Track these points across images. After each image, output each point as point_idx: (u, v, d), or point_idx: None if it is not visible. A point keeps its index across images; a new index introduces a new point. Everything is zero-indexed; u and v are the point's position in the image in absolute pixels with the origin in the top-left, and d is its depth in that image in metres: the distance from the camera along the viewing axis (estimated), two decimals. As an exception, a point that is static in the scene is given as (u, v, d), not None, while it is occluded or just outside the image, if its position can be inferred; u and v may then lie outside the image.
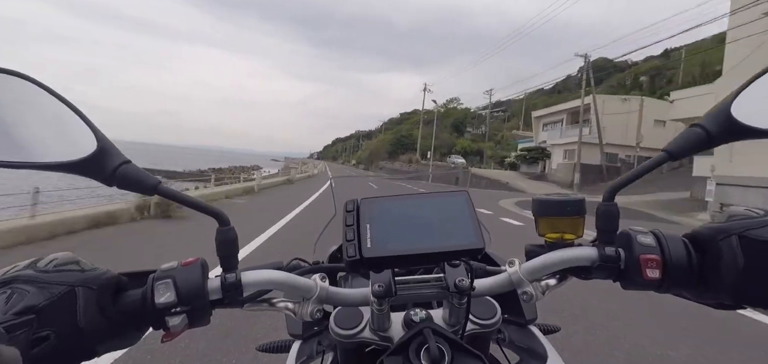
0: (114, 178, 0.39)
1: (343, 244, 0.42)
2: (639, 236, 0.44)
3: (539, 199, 0.49)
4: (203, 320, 0.41)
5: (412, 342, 0.42)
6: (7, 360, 0.24)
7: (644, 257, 0.42)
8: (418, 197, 0.47)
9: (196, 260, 0.42)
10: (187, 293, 0.39)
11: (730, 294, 0.40)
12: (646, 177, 0.48)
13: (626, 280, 0.44)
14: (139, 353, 2.22)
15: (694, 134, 0.42)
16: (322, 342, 0.57)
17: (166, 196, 0.42)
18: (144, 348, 2.28)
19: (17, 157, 0.36)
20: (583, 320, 3.08)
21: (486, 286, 0.48)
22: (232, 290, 0.42)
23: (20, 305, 0.33)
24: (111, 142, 0.40)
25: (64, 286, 0.36)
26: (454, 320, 0.47)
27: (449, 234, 0.42)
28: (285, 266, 0.51)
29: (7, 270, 0.36)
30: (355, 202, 0.46)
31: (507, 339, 0.57)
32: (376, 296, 0.44)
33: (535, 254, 0.48)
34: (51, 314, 0.34)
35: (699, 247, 0.43)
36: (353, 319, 0.48)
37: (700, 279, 0.42)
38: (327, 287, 0.47)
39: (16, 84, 0.37)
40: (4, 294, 0.33)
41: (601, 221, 0.45)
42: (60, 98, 0.38)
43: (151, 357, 2.22)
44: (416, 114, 56.44)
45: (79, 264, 0.39)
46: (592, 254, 0.45)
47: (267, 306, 0.47)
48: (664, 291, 0.44)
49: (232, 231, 0.44)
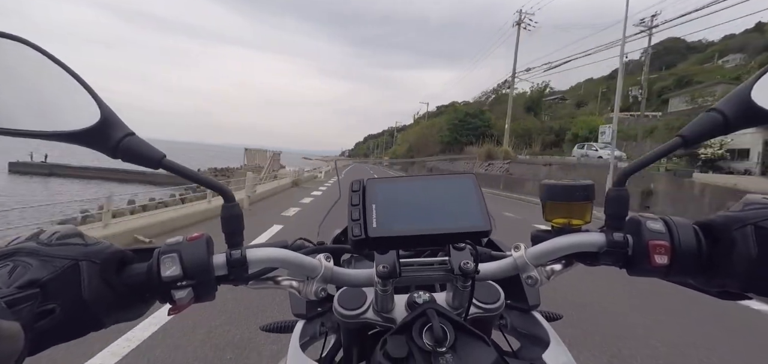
0: (118, 150, 0.39)
1: (349, 223, 0.42)
2: (649, 222, 0.43)
3: (547, 183, 0.49)
4: (209, 294, 0.41)
5: (415, 322, 0.42)
6: (8, 334, 0.24)
7: (653, 242, 0.42)
8: (424, 178, 0.46)
9: (201, 235, 0.42)
10: (192, 267, 0.39)
11: (741, 283, 0.39)
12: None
13: (633, 266, 0.44)
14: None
15: (710, 119, 0.41)
16: (325, 322, 0.57)
17: (171, 170, 0.41)
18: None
19: (19, 126, 0.36)
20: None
21: (490, 270, 0.48)
22: (238, 266, 0.42)
23: (23, 278, 0.32)
24: (115, 113, 0.39)
25: (68, 259, 0.35)
26: (458, 303, 0.47)
27: (455, 216, 0.42)
28: (290, 245, 0.50)
29: (9, 242, 0.36)
30: (361, 182, 0.45)
31: (509, 325, 0.57)
32: (380, 276, 0.44)
33: (541, 239, 0.48)
34: (55, 287, 0.34)
35: (710, 234, 0.42)
36: (357, 300, 0.48)
37: (708, 267, 0.42)
38: (332, 267, 0.47)
39: (18, 49, 0.36)
40: (6, 267, 0.33)
41: (611, 206, 0.44)
42: (63, 66, 0.38)
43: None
44: (455, 106, 42.30)
45: (82, 237, 0.38)
46: (600, 240, 0.44)
47: (272, 284, 0.47)
48: (670, 278, 0.43)
49: (237, 207, 0.43)
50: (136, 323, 2.07)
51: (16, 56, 0.36)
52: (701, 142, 0.48)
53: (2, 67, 0.36)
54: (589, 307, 3.34)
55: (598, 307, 3.36)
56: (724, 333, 2.98)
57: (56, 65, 0.38)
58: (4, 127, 0.35)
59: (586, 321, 3.04)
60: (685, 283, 0.44)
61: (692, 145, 0.42)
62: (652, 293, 3.67)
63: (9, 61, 0.36)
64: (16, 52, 0.36)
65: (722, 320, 3.17)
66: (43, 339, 0.32)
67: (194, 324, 2.60)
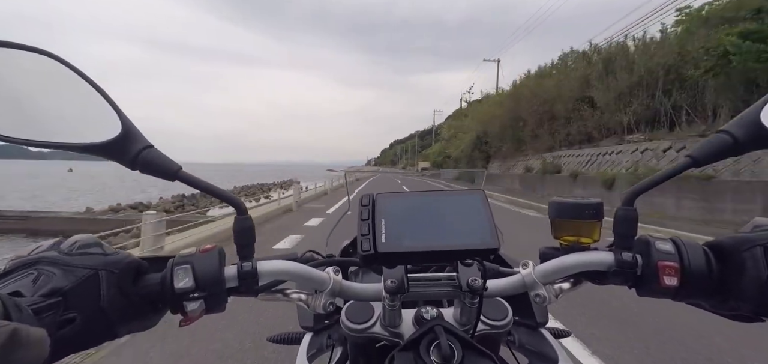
0: (137, 162, 0.40)
1: (358, 238, 0.42)
2: (658, 242, 0.43)
3: (556, 201, 0.49)
4: (219, 306, 0.42)
5: (422, 339, 0.42)
6: (35, 340, 0.24)
7: (662, 263, 0.42)
8: (433, 194, 0.46)
9: (214, 247, 0.43)
10: (204, 279, 0.40)
11: (752, 306, 0.39)
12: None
13: (642, 287, 0.44)
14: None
15: (720, 140, 0.41)
16: (332, 336, 0.57)
17: (187, 182, 0.43)
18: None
19: (45, 137, 0.37)
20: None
21: (499, 287, 0.48)
22: (248, 278, 0.42)
23: (47, 287, 0.33)
24: (135, 126, 0.41)
25: (88, 269, 0.36)
26: (465, 319, 0.47)
27: (464, 233, 0.42)
28: (299, 257, 0.51)
29: (32, 251, 0.37)
30: (371, 197, 0.46)
31: (517, 342, 0.56)
32: (388, 291, 0.44)
33: (549, 257, 0.48)
34: (76, 296, 0.35)
35: (720, 256, 0.42)
36: (364, 314, 0.48)
37: (720, 289, 0.41)
38: (340, 281, 0.47)
39: (45, 64, 0.38)
40: (30, 276, 0.34)
41: (620, 225, 0.45)
42: (88, 80, 0.39)
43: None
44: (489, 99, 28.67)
45: (101, 247, 0.39)
46: (609, 259, 0.44)
47: (281, 296, 0.47)
48: (680, 300, 0.43)
49: (249, 220, 0.44)
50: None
51: (43, 70, 0.38)
52: (711, 163, 0.48)
53: (30, 81, 0.38)
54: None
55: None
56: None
57: (81, 79, 0.39)
58: (30, 138, 0.37)
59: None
60: (696, 304, 0.44)
61: (701, 165, 0.42)
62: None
63: (36, 75, 0.38)
64: (43, 67, 0.38)
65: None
66: (63, 347, 0.33)
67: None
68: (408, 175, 43.24)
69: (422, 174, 45.79)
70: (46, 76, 0.38)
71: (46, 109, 0.39)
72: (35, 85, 0.38)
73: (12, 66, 0.37)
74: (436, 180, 32.62)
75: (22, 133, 0.36)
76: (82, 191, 34.60)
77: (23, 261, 0.35)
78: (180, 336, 2.51)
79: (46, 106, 0.39)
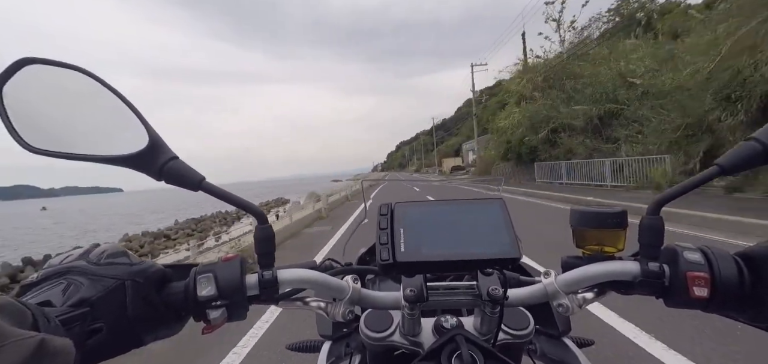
0: (162, 173, 0.41)
1: (377, 247, 0.42)
2: (686, 252, 0.42)
3: (578, 210, 0.48)
4: (241, 314, 0.42)
5: (443, 349, 0.41)
6: (62, 350, 0.25)
7: (691, 274, 0.40)
8: (452, 203, 0.46)
9: (236, 256, 0.43)
10: (226, 287, 0.41)
11: None
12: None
13: (671, 298, 0.42)
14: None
15: (749, 148, 0.40)
16: (350, 344, 0.57)
17: (210, 192, 0.43)
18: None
19: (76, 150, 0.38)
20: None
21: (520, 296, 0.47)
22: (269, 286, 0.43)
23: (76, 297, 0.34)
24: (161, 138, 0.42)
25: (115, 280, 0.37)
26: (486, 328, 0.46)
27: (483, 242, 0.42)
28: (318, 265, 0.51)
29: (62, 259, 0.38)
30: (389, 206, 0.46)
31: (539, 351, 0.55)
32: (407, 300, 0.44)
33: (572, 266, 0.47)
34: (103, 306, 0.35)
35: (752, 265, 0.41)
36: (383, 322, 0.48)
37: (753, 299, 0.40)
38: (359, 289, 0.47)
39: (75, 78, 0.39)
40: (60, 285, 0.35)
41: (645, 235, 0.43)
42: (117, 94, 0.41)
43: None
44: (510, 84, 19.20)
45: (127, 256, 0.41)
46: (634, 269, 0.43)
47: (301, 304, 0.47)
48: (712, 311, 0.42)
49: (269, 229, 0.45)
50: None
51: (74, 85, 0.39)
52: (740, 171, 0.46)
53: (61, 96, 0.40)
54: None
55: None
56: None
57: (110, 92, 0.41)
58: (62, 151, 0.38)
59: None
60: (729, 316, 0.42)
61: (730, 174, 0.41)
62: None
63: (67, 91, 0.39)
64: (74, 81, 0.39)
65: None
66: (90, 357, 0.34)
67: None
68: (431, 181, 27.65)
69: (454, 178, 28.35)
70: (77, 91, 0.39)
71: (76, 123, 0.40)
72: (66, 100, 0.40)
73: (44, 82, 0.38)
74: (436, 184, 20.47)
75: (55, 146, 0.38)
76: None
77: (54, 270, 0.37)
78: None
79: (76, 120, 0.40)
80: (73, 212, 69.60)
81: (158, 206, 53.78)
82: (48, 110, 0.39)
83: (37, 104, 0.38)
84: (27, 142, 0.36)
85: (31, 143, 0.36)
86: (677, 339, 2.19)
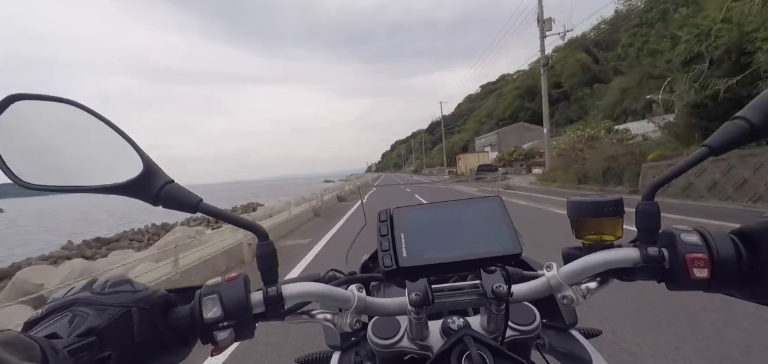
0: (159, 198, 0.41)
1: (379, 254, 0.42)
2: (683, 234, 0.43)
3: (575, 200, 0.49)
4: (248, 333, 0.42)
5: (452, 350, 0.41)
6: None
7: (690, 256, 0.41)
8: (451, 204, 0.47)
9: (239, 275, 0.43)
10: (232, 307, 0.40)
11: None
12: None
13: (672, 281, 0.43)
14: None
15: (736, 127, 0.40)
16: (359, 352, 0.57)
17: (208, 213, 0.43)
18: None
19: (71, 182, 0.38)
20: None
21: (524, 291, 0.47)
22: (274, 303, 0.43)
23: (82, 327, 0.34)
24: (155, 163, 0.42)
25: (121, 307, 0.37)
26: (493, 326, 0.47)
27: (484, 240, 0.42)
28: (322, 277, 0.51)
29: (66, 293, 0.38)
30: (388, 211, 0.46)
31: (547, 345, 0.56)
32: (413, 304, 0.44)
33: (573, 257, 0.47)
34: (110, 334, 0.35)
35: (749, 242, 0.41)
36: (391, 328, 0.48)
37: (752, 276, 0.41)
38: (364, 298, 0.47)
39: (68, 111, 0.39)
40: (66, 317, 0.35)
41: (642, 220, 0.44)
42: (109, 124, 0.41)
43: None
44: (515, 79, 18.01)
45: (132, 284, 0.40)
46: (635, 255, 0.44)
47: (307, 318, 0.47)
48: (713, 291, 0.42)
49: (271, 245, 0.45)
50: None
51: (67, 118, 0.39)
52: (728, 150, 0.48)
53: (53, 130, 0.40)
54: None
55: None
56: None
57: (102, 123, 0.41)
58: (58, 185, 0.38)
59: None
60: (730, 294, 0.43)
61: (719, 153, 0.42)
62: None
63: (59, 124, 0.39)
64: (65, 114, 0.39)
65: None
66: None
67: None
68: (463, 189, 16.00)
69: (489, 182, 20.09)
70: (68, 123, 0.39)
71: (71, 156, 0.40)
72: (58, 133, 0.40)
73: (35, 117, 0.38)
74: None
75: (50, 181, 0.37)
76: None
77: (59, 304, 0.36)
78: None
79: (71, 153, 0.40)
80: (32, 213, 64.28)
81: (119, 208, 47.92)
82: (40, 145, 0.39)
83: (28, 140, 0.38)
84: (21, 179, 0.36)
85: (26, 179, 0.36)
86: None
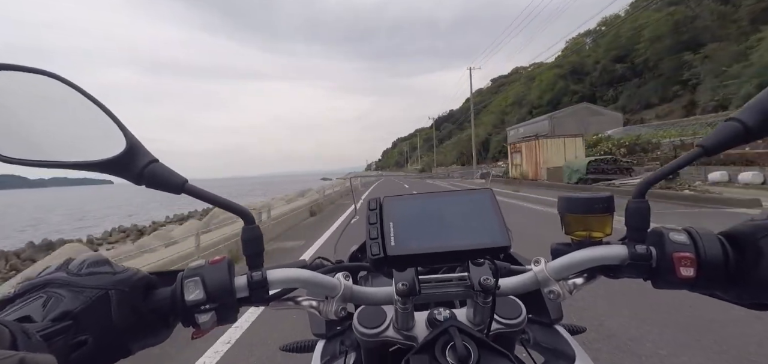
0: (142, 177, 0.40)
1: (367, 242, 0.42)
2: (672, 233, 0.43)
3: (566, 196, 0.48)
4: (231, 317, 0.42)
5: (437, 341, 0.41)
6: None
7: (678, 255, 0.41)
8: (441, 195, 0.46)
9: (223, 258, 0.42)
10: (214, 290, 0.40)
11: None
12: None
13: (658, 279, 0.43)
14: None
15: (730, 128, 0.40)
16: (345, 342, 0.57)
17: (193, 194, 0.42)
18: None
19: (51, 157, 0.37)
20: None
21: (511, 285, 0.47)
22: (259, 287, 0.42)
23: (57, 310, 0.33)
24: (139, 141, 0.41)
25: (98, 289, 0.36)
26: (479, 319, 0.47)
27: (474, 232, 0.42)
28: (308, 264, 0.51)
29: (40, 273, 0.37)
30: (378, 200, 0.45)
31: (532, 340, 0.56)
32: (400, 294, 0.44)
33: (561, 253, 0.47)
34: (87, 318, 0.34)
35: (736, 244, 0.41)
36: (377, 318, 0.48)
37: (737, 278, 0.41)
38: (351, 286, 0.47)
39: (48, 84, 0.38)
40: (40, 299, 0.33)
41: (632, 218, 0.44)
42: (92, 99, 0.39)
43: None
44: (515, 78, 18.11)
45: (110, 265, 0.39)
46: (622, 252, 0.44)
47: (292, 304, 0.47)
48: (698, 290, 0.43)
49: (257, 229, 0.44)
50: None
51: (47, 91, 0.38)
52: (722, 151, 0.48)
53: (34, 102, 0.38)
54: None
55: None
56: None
57: (84, 97, 0.39)
58: (38, 159, 0.37)
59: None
60: (714, 295, 0.43)
61: (712, 154, 0.42)
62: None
63: (40, 96, 0.38)
64: (47, 87, 0.38)
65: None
66: None
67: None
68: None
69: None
70: (50, 97, 0.38)
71: (51, 130, 0.39)
72: (39, 106, 0.38)
73: (15, 89, 0.37)
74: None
75: (29, 154, 0.36)
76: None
77: (32, 284, 0.35)
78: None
79: (50, 126, 0.39)
80: (31, 208, 61.74)
81: (146, 199, 48.57)
82: (21, 118, 0.38)
83: (9, 112, 0.37)
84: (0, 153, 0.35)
85: (4, 153, 0.35)
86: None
